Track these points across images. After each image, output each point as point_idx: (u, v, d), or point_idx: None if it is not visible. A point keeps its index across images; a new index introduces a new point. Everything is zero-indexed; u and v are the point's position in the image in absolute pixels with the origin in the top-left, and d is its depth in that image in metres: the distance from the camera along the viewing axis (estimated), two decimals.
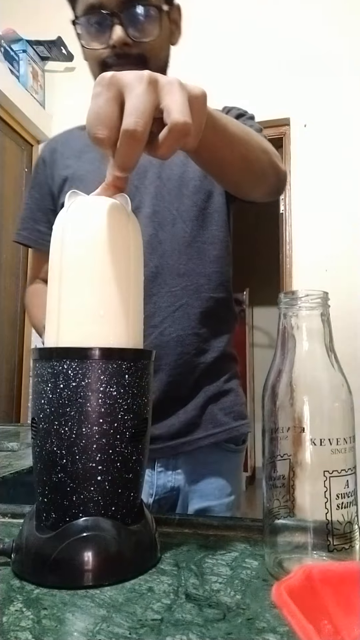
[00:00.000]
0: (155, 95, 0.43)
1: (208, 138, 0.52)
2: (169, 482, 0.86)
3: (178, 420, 0.84)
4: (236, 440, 0.90)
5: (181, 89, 0.44)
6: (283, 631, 0.34)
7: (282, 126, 2.70)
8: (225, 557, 0.48)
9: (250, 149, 0.67)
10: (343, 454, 0.42)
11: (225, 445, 0.88)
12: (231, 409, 0.89)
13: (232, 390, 0.91)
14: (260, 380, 4.00)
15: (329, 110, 2.62)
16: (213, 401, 0.87)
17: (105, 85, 0.43)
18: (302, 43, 2.67)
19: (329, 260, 2.54)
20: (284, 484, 0.43)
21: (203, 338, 0.86)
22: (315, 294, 0.45)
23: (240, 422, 0.89)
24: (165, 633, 0.34)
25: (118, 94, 0.43)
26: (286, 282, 2.67)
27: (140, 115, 0.42)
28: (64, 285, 0.47)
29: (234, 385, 0.91)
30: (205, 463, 0.87)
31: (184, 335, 0.84)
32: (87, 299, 0.46)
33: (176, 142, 0.44)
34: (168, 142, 0.43)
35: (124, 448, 0.45)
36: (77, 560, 0.42)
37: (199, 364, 0.86)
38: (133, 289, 0.48)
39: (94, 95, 0.44)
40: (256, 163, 0.70)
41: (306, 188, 2.64)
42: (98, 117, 0.43)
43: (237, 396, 0.91)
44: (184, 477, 0.86)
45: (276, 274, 2.80)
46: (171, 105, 0.43)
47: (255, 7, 2.77)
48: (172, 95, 0.43)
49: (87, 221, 0.48)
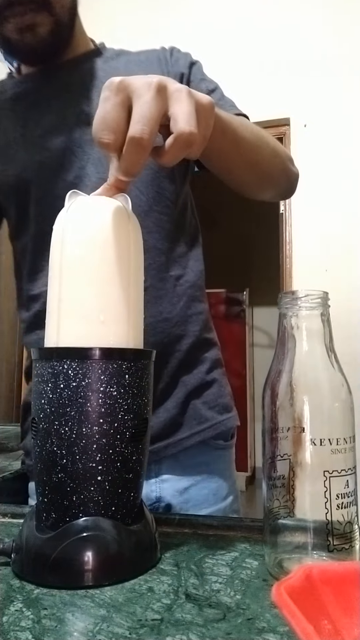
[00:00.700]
0: (163, 102, 0.43)
1: (216, 142, 0.52)
2: (152, 492, 0.77)
3: (158, 421, 0.75)
4: (224, 436, 0.82)
5: (189, 98, 0.44)
6: (283, 631, 0.34)
7: (282, 126, 2.71)
8: (225, 557, 0.48)
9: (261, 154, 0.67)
10: (343, 454, 0.42)
11: (213, 443, 0.80)
12: (215, 402, 0.81)
13: (215, 381, 0.82)
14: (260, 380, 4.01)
15: (329, 110, 2.62)
16: (195, 395, 0.78)
17: (114, 90, 0.44)
18: (302, 43, 2.67)
19: (329, 260, 2.55)
20: (284, 484, 0.43)
21: (174, 323, 0.77)
22: (315, 294, 0.45)
23: (226, 415, 0.81)
24: (165, 633, 0.34)
25: (126, 99, 0.43)
26: (286, 282, 2.67)
27: (147, 122, 0.42)
28: (64, 285, 0.47)
29: (217, 375, 0.82)
30: (192, 466, 0.79)
31: (154, 323, 0.74)
32: (87, 299, 0.46)
33: (181, 151, 0.44)
34: (173, 151, 0.44)
35: (124, 448, 0.45)
36: (77, 560, 0.42)
37: (173, 352, 0.77)
38: (133, 289, 0.48)
39: (102, 99, 0.44)
40: (266, 168, 0.69)
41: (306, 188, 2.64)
42: (105, 122, 0.43)
43: (222, 387, 0.83)
44: (170, 486, 0.77)
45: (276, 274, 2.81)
46: (178, 114, 0.43)
47: (255, 7, 2.77)
48: (179, 103, 0.43)
49: (88, 221, 0.48)
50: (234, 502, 0.82)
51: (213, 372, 0.82)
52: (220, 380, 0.83)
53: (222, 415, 0.81)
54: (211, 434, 0.79)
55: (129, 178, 0.46)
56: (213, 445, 0.80)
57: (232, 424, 0.83)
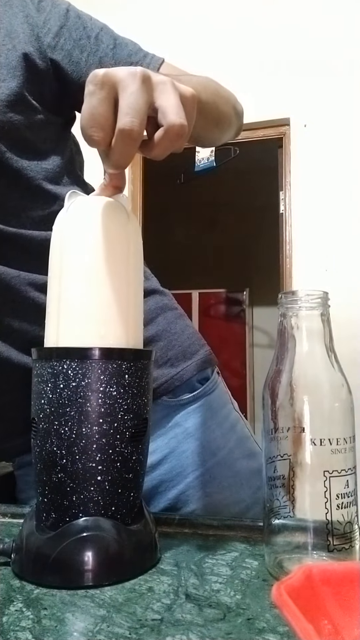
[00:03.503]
0: (150, 93, 0.43)
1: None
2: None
3: None
4: (190, 387, 0.71)
5: (174, 89, 0.44)
6: (283, 631, 0.34)
7: (282, 126, 2.71)
8: (225, 557, 0.48)
9: (221, 110, 0.66)
10: (343, 454, 0.42)
11: (174, 401, 0.70)
12: (165, 357, 0.70)
13: (159, 333, 0.71)
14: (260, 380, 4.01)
15: (329, 110, 2.62)
16: None
17: (98, 83, 0.43)
18: (302, 43, 2.67)
19: (329, 260, 2.55)
20: (284, 484, 0.43)
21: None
22: (315, 294, 0.45)
23: (182, 364, 0.71)
24: (165, 633, 0.34)
25: (111, 91, 0.43)
26: (286, 282, 2.67)
27: (136, 114, 0.41)
28: (63, 285, 0.47)
29: (161, 326, 0.72)
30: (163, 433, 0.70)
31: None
32: (87, 299, 0.46)
33: (171, 143, 0.43)
34: (164, 143, 0.43)
35: (124, 448, 0.45)
36: (77, 560, 0.42)
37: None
38: (133, 288, 0.48)
39: (87, 94, 0.43)
40: (225, 120, 0.69)
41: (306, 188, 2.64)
42: (93, 118, 0.42)
43: (171, 336, 0.72)
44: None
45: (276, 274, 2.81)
46: (167, 106, 0.42)
47: (256, 6, 2.77)
48: (166, 95, 0.43)
49: (87, 221, 0.48)
50: (239, 447, 0.73)
51: (153, 325, 0.72)
52: (169, 328, 0.73)
53: (177, 367, 0.71)
54: (167, 391, 0.70)
55: (119, 171, 0.46)
56: (176, 403, 0.71)
57: (194, 371, 0.72)
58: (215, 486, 0.70)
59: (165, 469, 0.70)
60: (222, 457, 0.71)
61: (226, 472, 0.72)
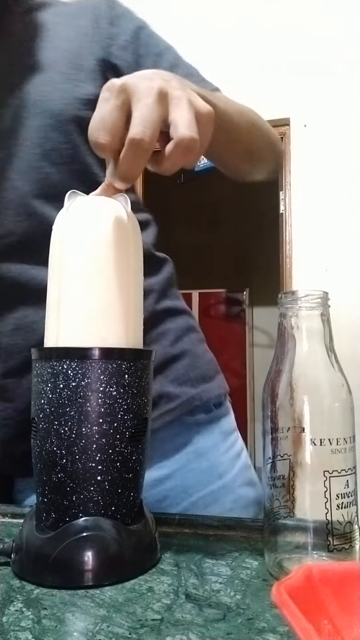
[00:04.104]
0: (164, 108, 0.43)
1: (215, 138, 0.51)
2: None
3: None
4: (206, 408, 0.73)
5: (189, 105, 0.43)
6: (283, 631, 0.34)
7: (282, 126, 2.71)
8: (225, 557, 0.48)
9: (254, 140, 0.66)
10: (343, 454, 0.42)
11: (191, 419, 0.71)
12: (187, 375, 0.72)
13: (185, 352, 0.73)
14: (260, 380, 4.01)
15: (329, 110, 2.62)
16: (158, 372, 0.68)
17: (115, 92, 0.43)
18: (302, 43, 2.68)
19: (329, 260, 2.55)
20: (284, 484, 0.43)
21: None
22: (315, 294, 0.45)
23: (202, 386, 0.72)
24: (165, 633, 0.34)
25: (126, 101, 0.43)
26: (286, 282, 2.67)
27: (148, 125, 0.41)
28: (63, 285, 0.47)
29: (186, 346, 0.73)
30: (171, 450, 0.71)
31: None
32: (87, 299, 0.46)
33: (181, 156, 0.43)
34: (173, 157, 0.43)
35: (124, 448, 0.45)
36: (77, 560, 0.42)
37: None
38: (132, 288, 0.48)
39: (101, 100, 0.44)
40: (257, 153, 0.69)
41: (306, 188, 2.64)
42: (103, 123, 0.42)
43: (195, 357, 0.74)
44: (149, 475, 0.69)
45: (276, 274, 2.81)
46: (178, 119, 0.42)
47: (256, 6, 2.77)
48: (180, 109, 0.43)
49: (87, 221, 0.48)
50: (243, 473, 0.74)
51: (180, 343, 0.73)
52: (193, 349, 0.75)
53: (198, 387, 0.72)
54: (184, 410, 0.71)
55: (125, 183, 0.46)
56: (193, 422, 0.72)
57: (212, 394, 0.74)
58: (217, 508, 0.70)
59: (172, 485, 0.71)
60: (227, 481, 0.73)
61: (229, 496, 0.73)
